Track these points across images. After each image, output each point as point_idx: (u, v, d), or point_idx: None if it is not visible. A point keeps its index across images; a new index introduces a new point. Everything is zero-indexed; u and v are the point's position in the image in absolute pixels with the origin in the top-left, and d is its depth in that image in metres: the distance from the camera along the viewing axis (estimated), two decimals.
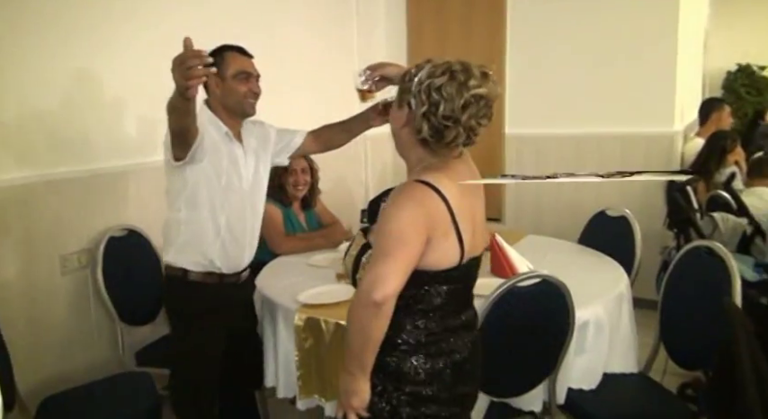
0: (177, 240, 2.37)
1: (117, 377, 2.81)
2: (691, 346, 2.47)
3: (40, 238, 2.86)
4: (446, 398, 1.68)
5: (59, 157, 2.94)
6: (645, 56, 4.56)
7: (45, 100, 2.87)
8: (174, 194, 2.34)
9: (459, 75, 1.57)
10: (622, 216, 3.32)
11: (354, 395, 1.65)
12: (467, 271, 1.72)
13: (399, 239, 1.56)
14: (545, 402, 2.39)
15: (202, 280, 2.39)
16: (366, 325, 1.56)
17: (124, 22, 3.18)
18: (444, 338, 1.69)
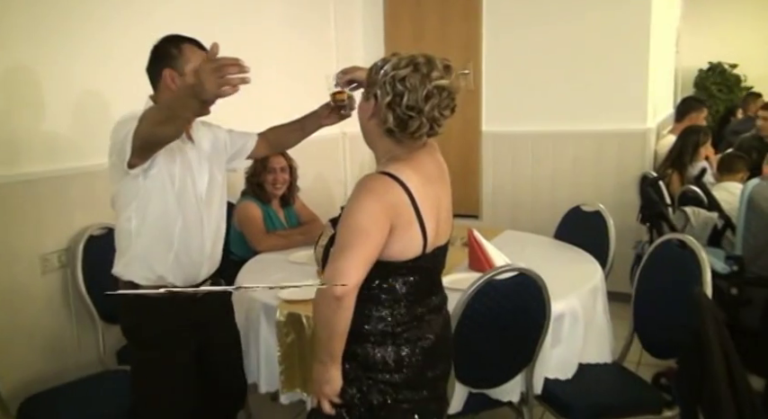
0: (127, 252, 2.18)
1: (98, 375, 2.82)
2: (663, 336, 2.54)
3: (19, 238, 2.85)
4: (416, 384, 1.73)
5: (36, 156, 2.93)
6: (618, 54, 4.65)
7: (17, 98, 2.87)
8: (124, 203, 2.15)
9: (423, 68, 1.63)
10: (597, 211, 3.38)
11: (326, 383, 1.69)
12: (432, 260, 1.76)
13: (359, 232, 1.59)
14: (522, 392, 2.45)
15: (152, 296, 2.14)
16: (329, 317, 1.61)
17: (102, 25, 3.19)
18: (412, 326, 1.73)
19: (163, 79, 2.14)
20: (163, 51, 2.14)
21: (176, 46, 2.13)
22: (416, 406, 1.75)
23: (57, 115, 3.01)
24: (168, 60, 2.12)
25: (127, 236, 2.17)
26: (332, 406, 1.71)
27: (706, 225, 3.60)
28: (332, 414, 1.71)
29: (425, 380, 1.76)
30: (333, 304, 1.58)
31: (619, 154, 4.74)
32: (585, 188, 4.77)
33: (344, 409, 1.72)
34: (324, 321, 1.63)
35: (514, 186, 5.18)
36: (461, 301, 2.18)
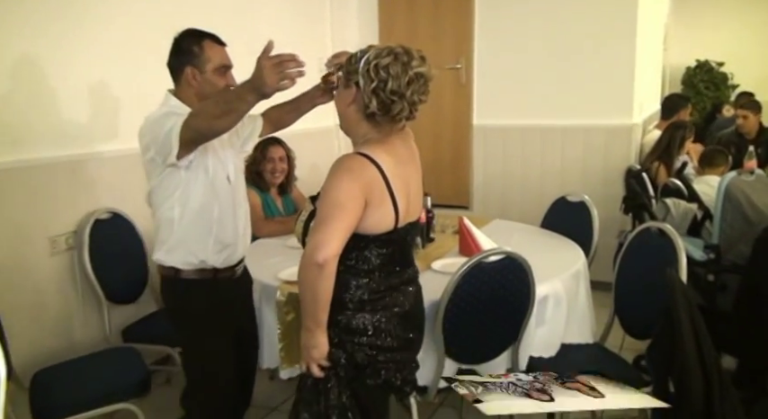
0: (170, 239, 2.26)
1: (106, 352, 2.94)
2: (642, 317, 2.68)
3: (29, 220, 2.97)
4: (395, 346, 1.91)
5: (45, 142, 3.05)
6: (605, 51, 4.78)
7: (28, 86, 2.98)
8: (166, 194, 2.22)
9: (402, 57, 1.78)
10: (582, 201, 3.51)
11: (314, 348, 1.84)
12: (404, 234, 1.92)
13: (337, 206, 1.74)
14: (508, 369, 2.58)
15: (196, 277, 2.30)
16: (312, 284, 1.75)
17: (109, 15, 3.31)
18: (388, 295, 1.90)
19: (185, 76, 2.23)
20: (185, 48, 2.23)
21: (198, 43, 2.22)
22: (397, 365, 1.93)
23: (66, 103, 3.14)
24: (190, 58, 2.22)
25: (169, 225, 2.25)
26: (320, 369, 1.87)
27: (686, 215, 3.75)
28: (321, 377, 1.87)
29: (402, 343, 1.93)
30: (315, 271, 1.72)
31: (605, 147, 4.88)
32: (573, 180, 4.91)
33: (332, 370, 1.87)
34: (309, 288, 1.77)
35: (504, 178, 5.31)
36: (452, 282, 2.32)
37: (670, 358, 1.94)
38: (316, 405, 1.89)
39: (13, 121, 2.91)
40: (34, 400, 2.46)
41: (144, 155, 2.20)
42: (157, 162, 2.15)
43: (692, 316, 1.94)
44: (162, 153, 2.11)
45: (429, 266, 2.85)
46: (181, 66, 2.24)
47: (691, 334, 1.88)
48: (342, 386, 1.88)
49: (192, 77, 2.23)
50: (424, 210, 3.18)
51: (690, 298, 2.00)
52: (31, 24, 2.94)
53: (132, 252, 3.33)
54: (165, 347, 3.10)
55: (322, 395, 1.88)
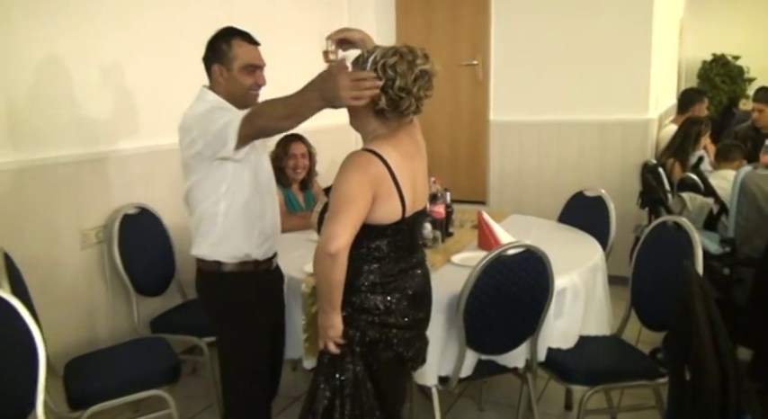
0: (213, 232, 2.29)
1: (136, 341, 3.04)
2: (658, 309, 2.74)
3: (61, 215, 3.07)
4: (404, 324, 2.03)
5: (73, 140, 3.14)
6: (621, 46, 4.82)
7: (59, 86, 3.08)
8: (211, 188, 2.26)
9: (408, 55, 1.89)
10: (599, 196, 3.56)
11: (330, 328, 1.98)
12: (411, 223, 2.04)
13: (347, 200, 1.86)
14: (527, 359, 2.66)
15: (238, 270, 2.34)
16: (327, 273, 1.87)
17: (134, 15, 3.39)
18: (398, 278, 2.02)
19: (213, 73, 2.32)
20: (215, 46, 2.31)
21: (227, 42, 2.29)
22: (407, 343, 2.06)
23: (92, 101, 3.23)
24: (219, 56, 2.29)
25: (213, 219, 2.28)
26: (336, 346, 1.98)
27: (702, 210, 3.79)
28: (338, 353, 1.99)
29: (411, 322, 2.06)
30: (328, 261, 1.84)
31: (622, 143, 4.92)
32: (589, 175, 4.95)
33: (347, 347, 1.99)
34: (323, 276, 1.90)
35: (520, 173, 5.36)
36: (473, 275, 2.38)
37: (686, 348, 1.99)
38: (332, 379, 2.01)
39: (42, 120, 3.00)
40: (69, 387, 2.55)
41: (188, 149, 2.23)
42: (205, 155, 2.19)
43: (707, 307, 1.99)
44: (213, 146, 2.15)
45: (449, 260, 2.92)
46: (210, 64, 2.32)
47: (706, 324, 1.93)
48: (356, 361, 2.00)
49: (219, 75, 2.30)
50: (444, 205, 3.24)
51: (706, 289, 2.05)
52: (56, 23, 3.02)
53: (159, 246, 3.43)
54: (192, 337, 3.18)
55: (338, 369, 2.01)
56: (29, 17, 2.92)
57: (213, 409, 3.24)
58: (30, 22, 2.92)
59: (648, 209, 4.21)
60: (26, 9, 2.90)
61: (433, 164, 4.75)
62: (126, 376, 2.65)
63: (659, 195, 4.01)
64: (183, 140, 2.26)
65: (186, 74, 2.48)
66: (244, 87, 2.31)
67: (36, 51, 2.96)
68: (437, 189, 3.25)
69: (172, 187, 3.60)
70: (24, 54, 2.91)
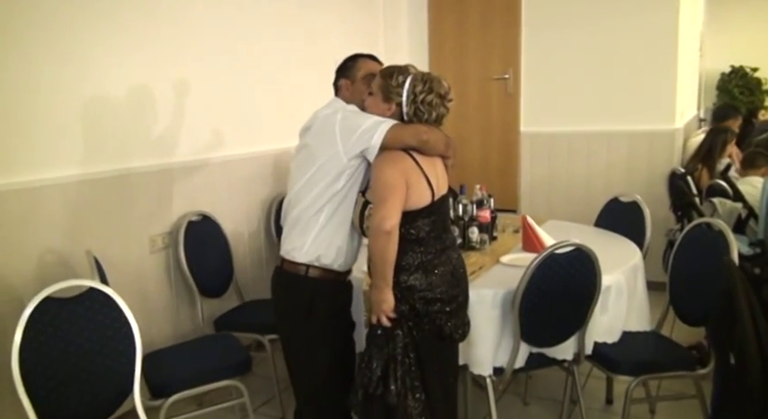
0: (313, 229, 2.40)
1: (206, 337, 3.27)
2: (695, 306, 2.93)
3: (132, 222, 3.30)
4: (446, 298, 2.33)
5: (145, 152, 3.38)
6: (648, 59, 5.02)
7: (136, 104, 3.32)
8: (331, 190, 2.37)
9: (439, 90, 2.30)
10: (634, 201, 3.75)
11: (384, 302, 2.26)
12: (440, 206, 2.38)
13: (388, 187, 2.21)
14: (575, 352, 2.84)
15: (320, 276, 2.44)
16: (383, 249, 2.20)
17: (203, 36, 3.65)
18: (435, 258, 2.33)
19: (341, 86, 2.55)
20: (342, 66, 2.59)
21: (353, 60, 2.59)
22: (449, 316, 2.35)
23: (164, 119, 3.48)
24: (344, 71, 2.56)
25: (316, 221, 2.41)
26: (389, 320, 2.26)
27: (731, 214, 3.98)
28: (389, 326, 2.27)
29: (451, 297, 2.35)
30: (384, 238, 2.18)
31: (649, 152, 5.11)
32: (618, 183, 5.12)
33: (397, 321, 2.28)
34: (379, 253, 2.21)
35: (550, 183, 5.56)
36: (528, 272, 2.58)
37: (730, 335, 2.19)
38: (385, 348, 2.29)
39: (120, 135, 3.25)
40: (150, 378, 2.74)
41: (325, 151, 2.34)
42: (340, 156, 2.31)
43: (747, 296, 2.20)
44: (358, 145, 2.28)
45: (498, 261, 3.12)
46: (338, 79, 2.58)
47: (748, 312, 2.14)
48: (405, 333, 2.28)
49: (344, 88, 2.56)
50: (489, 210, 3.44)
51: (745, 281, 2.25)
52: (138, 45, 3.28)
53: (219, 250, 3.66)
54: (255, 335, 3.40)
55: (390, 340, 2.28)
56: (118, 46, 3.19)
57: (272, 404, 3.45)
58: (115, 53, 3.19)
59: (680, 214, 4.40)
60: (113, 40, 3.17)
61: (466, 174, 5.07)
62: (203, 367, 2.86)
63: (692, 200, 4.21)
64: (318, 143, 2.37)
65: (242, 92, 2.62)
66: (362, 97, 2.49)
67: (115, 74, 3.20)
68: (483, 195, 3.45)
69: (230, 195, 3.86)
70: (107, 75, 3.16)
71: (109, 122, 3.18)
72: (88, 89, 3.07)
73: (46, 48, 2.87)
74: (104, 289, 2.35)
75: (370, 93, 2.41)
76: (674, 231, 4.26)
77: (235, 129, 3.94)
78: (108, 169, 3.18)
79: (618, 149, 5.23)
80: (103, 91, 3.15)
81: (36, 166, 2.87)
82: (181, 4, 3.54)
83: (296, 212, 2.44)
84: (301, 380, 2.59)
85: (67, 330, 2.24)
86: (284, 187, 4.07)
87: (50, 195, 2.90)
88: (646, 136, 5.12)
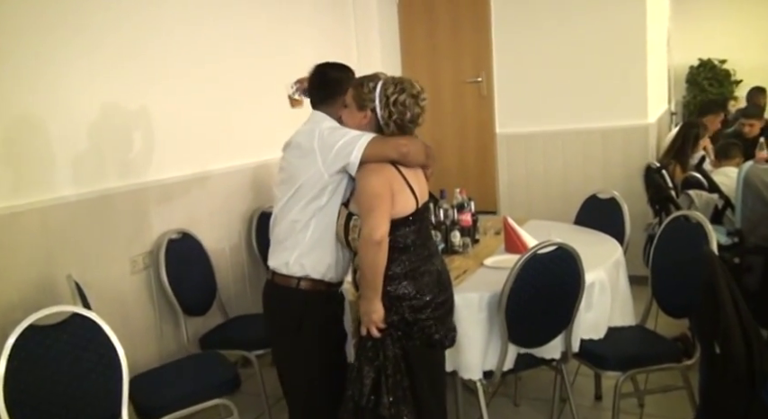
0: (302, 243, 2.44)
1: (192, 357, 3.25)
2: (677, 296, 2.99)
3: (112, 243, 3.27)
4: (433, 304, 2.35)
5: (115, 173, 3.35)
6: (619, 55, 5.10)
7: (110, 125, 3.30)
8: (317, 203, 2.41)
9: (411, 90, 2.32)
10: (611, 197, 3.81)
11: (373, 312, 2.28)
12: (423, 213, 2.43)
13: (375, 196, 2.24)
14: (562, 351, 2.87)
15: (312, 289, 2.47)
16: (374, 259, 2.23)
17: (175, 51, 3.65)
18: (421, 265, 2.35)
19: (344, 99, 2.46)
20: (345, 77, 2.56)
21: (351, 70, 2.63)
22: (435, 322, 2.36)
23: (135, 137, 3.47)
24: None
25: (304, 231, 2.44)
26: (378, 331, 2.28)
27: (708, 205, 4.05)
28: (379, 337, 2.29)
29: (438, 303, 2.37)
30: (375, 248, 2.20)
31: (624, 147, 5.18)
32: (594, 180, 5.17)
33: (387, 331, 2.29)
34: (370, 263, 2.23)
35: (528, 182, 5.62)
36: (513, 273, 2.61)
37: (714, 324, 2.23)
38: (376, 360, 2.29)
39: (95, 154, 3.22)
40: (137, 401, 2.71)
41: (306, 169, 2.38)
42: (321, 173, 2.36)
43: (729, 285, 2.24)
44: (337, 161, 2.33)
45: (481, 264, 3.15)
46: (341, 92, 2.48)
47: (730, 301, 2.18)
48: (394, 343, 2.30)
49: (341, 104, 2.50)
50: (470, 214, 3.47)
51: (726, 270, 2.29)
52: (110, 63, 3.26)
53: (202, 267, 3.65)
54: (241, 351, 3.39)
55: (381, 351, 2.29)
56: (88, 65, 3.17)
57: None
58: (86, 73, 3.16)
59: (658, 207, 4.46)
60: (84, 60, 3.14)
61: (444, 178, 5.10)
62: (191, 387, 2.85)
63: (668, 193, 4.27)
64: (301, 159, 2.41)
65: (218, 107, 2.60)
66: None
67: (87, 95, 3.18)
68: (463, 199, 3.48)
69: (209, 211, 3.85)
70: (79, 98, 3.13)
71: (83, 143, 3.16)
72: (61, 111, 3.04)
73: (16, 72, 2.85)
74: (88, 314, 2.34)
75: (344, 105, 2.44)
76: (653, 225, 4.32)
77: (212, 143, 3.93)
78: (85, 191, 3.14)
79: (593, 146, 5.30)
80: (76, 112, 3.12)
81: (13, 191, 2.84)
82: (152, 21, 3.53)
83: (282, 228, 2.48)
84: (294, 394, 2.60)
85: (52, 358, 2.23)
86: (264, 200, 4.12)
87: (29, 220, 2.87)
88: (620, 132, 5.19)
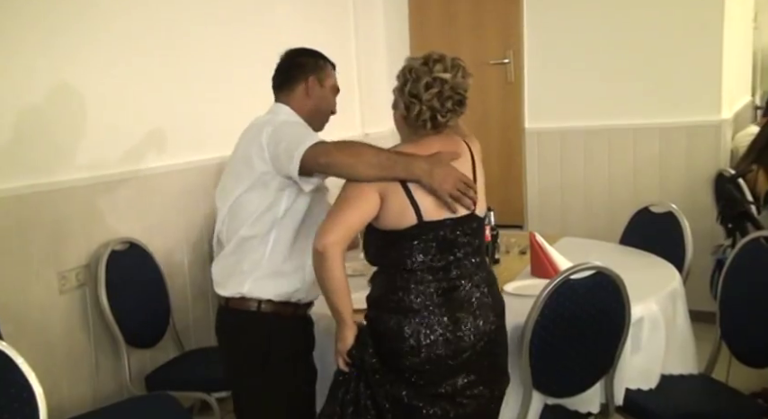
0: (260, 266, 2.47)
1: (136, 399, 3.21)
2: (755, 339, 2.93)
3: (36, 254, 3.21)
4: (423, 354, 2.26)
5: (54, 166, 3.31)
6: (685, 33, 5.06)
7: (36, 104, 3.26)
8: (271, 216, 2.46)
9: (430, 61, 2.27)
10: (669, 212, 3.75)
11: (338, 340, 2.31)
12: (437, 229, 2.29)
13: (344, 201, 2.25)
14: (602, 403, 2.80)
15: (278, 311, 2.50)
16: (317, 272, 2.24)
17: (120, 33, 3.63)
18: (426, 299, 2.28)
19: (304, 86, 2.60)
20: (311, 61, 2.66)
21: (322, 58, 2.69)
22: (424, 382, 2.30)
23: (73, 123, 3.42)
24: (314, 69, 2.64)
25: (261, 249, 2.48)
26: (345, 365, 2.29)
27: None
28: (347, 372, 2.29)
29: (437, 355, 2.29)
30: (317, 258, 2.21)
31: (688, 150, 5.13)
32: (648, 190, 5.15)
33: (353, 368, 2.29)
34: (318, 277, 2.26)
35: (563, 190, 5.59)
36: (538, 303, 2.55)
37: None
38: (336, 400, 2.30)
39: (15, 145, 3.17)
40: None
41: (260, 166, 2.42)
42: (270, 172, 2.42)
43: None
44: (280, 162, 2.37)
45: (501, 290, 3.08)
46: (303, 76, 2.60)
47: None
48: (363, 382, 2.28)
49: (311, 87, 2.62)
50: (488, 227, 3.42)
51: None
52: (42, 43, 3.23)
53: (152, 286, 3.61)
54: (199, 393, 3.35)
55: (343, 387, 2.30)
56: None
57: None
58: (22, 45, 3.14)
59: (731, 226, 4.37)
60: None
61: None
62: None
63: (745, 208, 4.19)
64: (259, 155, 2.43)
65: (180, 93, 2.58)
66: (329, 106, 2.70)
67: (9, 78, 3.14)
68: None
69: (164, 215, 3.83)
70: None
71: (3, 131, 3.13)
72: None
73: None
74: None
75: (307, 95, 2.59)
76: (724, 248, 4.23)
77: (171, 134, 3.92)
78: (2, 188, 3.10)
79: (648, 148, 5.26)
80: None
81: None
82: None
83: (232, 247, 2.51)
84: None
85: None
86: None
87: None
88: (683, 130, 5.14)
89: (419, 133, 2.35)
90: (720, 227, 4.65)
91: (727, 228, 4.51)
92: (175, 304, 3.74)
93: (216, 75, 4.23)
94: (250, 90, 3.78)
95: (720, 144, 5.11)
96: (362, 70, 5.63)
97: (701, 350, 3.18)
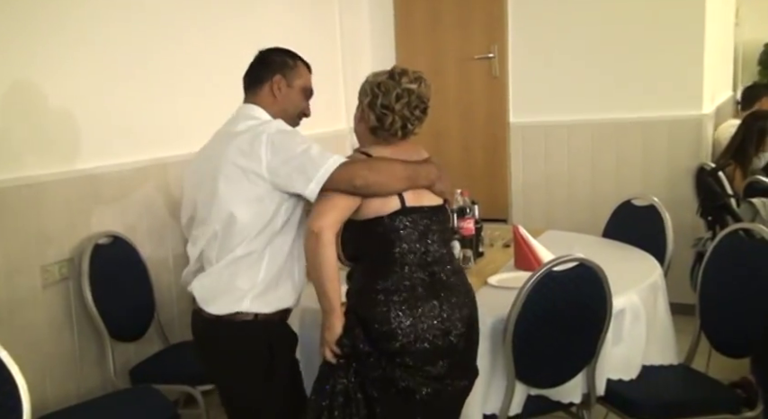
0: (256, 284, 2.43)
1: (122, 393, 3.21)
2: (734, 330, 2.96)
3: (19, 247, 3.21)
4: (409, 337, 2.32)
5: (37, 159, 3.31)
6: (668, 28, 5.09)
7: (17, 94, 3.25)
8: (272, 227, 2.42)
9: (396, 75, 2.40)
10: (651, 205, 3.79)
11: (326, 329, 2.36)
12: (417, 215, 2.41)
13: None
14: (584, 393, 2.83)
15: (273, 319, 2.49)
16: (313, 252, 2.28)
17: (89, 28, 3.60)
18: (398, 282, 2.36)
19: (270, 85, 2.55)
20: (276, 59, 2.60)
21: (292, 58, 2.63)
22: (413, 363, 2.35)
23: (57, 114, 3.42)
24: (282, 67, 2.58)
25: (256, 265, 2.44)
26: (333, 355, 2.33)
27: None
28: (333, 364, 2.34)
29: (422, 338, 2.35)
30: (313, 238, 2.27)
31: (670, 144, 5.17)
32: (631, 184, 5.18)
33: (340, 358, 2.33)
34: (311, 260, 2.33)
35: (548, 185, 5.62)
36: (521, 296, 2.58)
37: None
38: (320, 395, 2.35)
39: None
40: None
41: (259, 181, 2.37)
42: (270, 190, 2.39)
43: None
44: (296, 184, 2.35)
45: (485, 282, 3.12)
46: (269, 75, 2.55)
47: None
48: (349, 374, 2.33)
49: (277, 87, 2.56)
50: (473, 220, 3.44)
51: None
52: (29, 43, 3.23)
53: (137, 280, 3.61)
54: (184, 386, 3.35)
55: (330, 379, 2.34)
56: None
57: None
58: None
59: (711, 218, 4.41)
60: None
61: None
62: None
63: (725, 201, 4.23)
64: (256, 166, 2.36)
65: (164, 84, 2.58)
66: (297, 108, 2.64)
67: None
68: (465, 202, 3.45)
69: (148, 210, 3.82)
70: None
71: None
72: None
73: None
74: None
75: (273, 95, 2.56)
76: (704, 240, 4.27)
77: (155, 127, 3.93)
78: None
79: (630, 142, 5.30)
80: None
81: None
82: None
83: (221, 267, 2.47)
84: None
85: None
86: None
87: None
88: (665, 124, 5.18)
89: (389, 141, 2.46)
90: (701, 220, 4.70)
91: (707, 221, 4.56)
92: (160, 297, 3.74)
93: (199, 73, 4.22)
94: (231, 87, 3.79)
95: (702, 138, 5.16)
96: (348, 66, 5.61)
97: (682, 341, 3.22)
